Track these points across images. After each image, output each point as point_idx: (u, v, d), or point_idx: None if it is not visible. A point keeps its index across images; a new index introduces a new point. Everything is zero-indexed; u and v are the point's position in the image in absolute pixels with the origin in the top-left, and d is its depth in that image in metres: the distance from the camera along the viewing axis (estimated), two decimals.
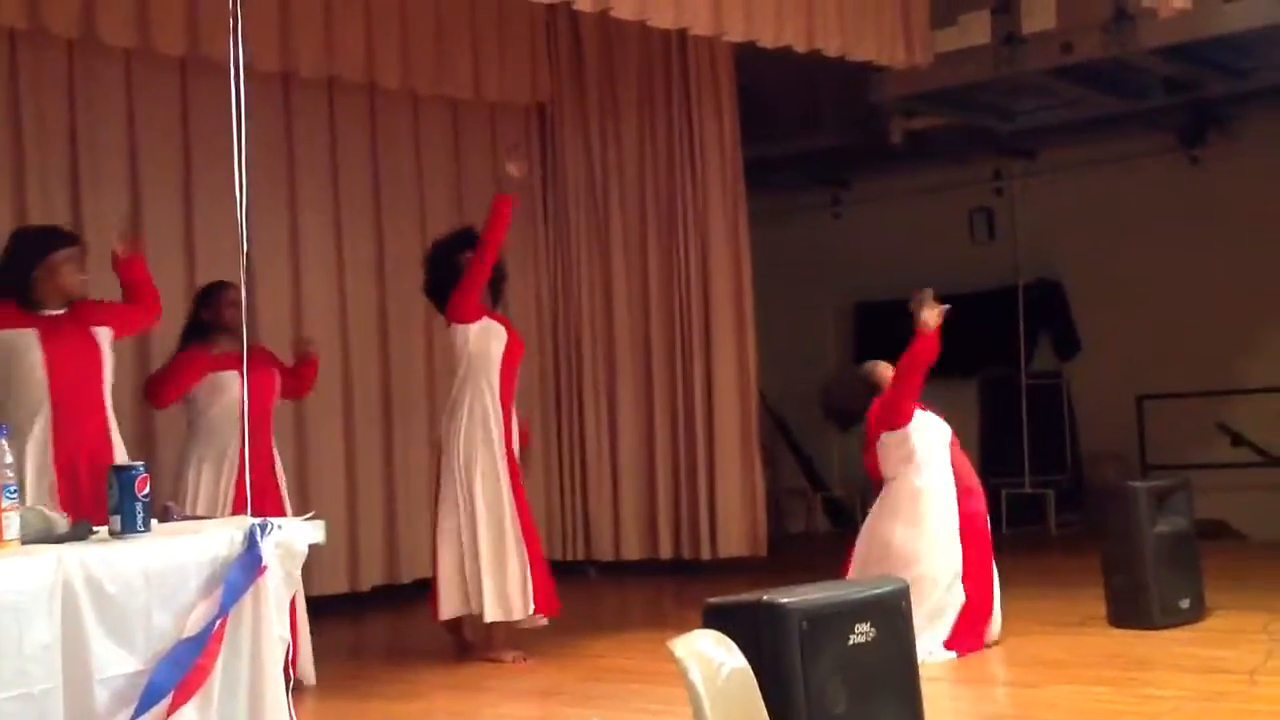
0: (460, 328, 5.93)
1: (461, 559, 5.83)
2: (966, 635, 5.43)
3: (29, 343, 4.68)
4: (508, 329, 6.06)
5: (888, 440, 5.67)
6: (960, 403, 10.75)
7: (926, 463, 5.63)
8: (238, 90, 3.20)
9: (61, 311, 4.80)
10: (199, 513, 5.14)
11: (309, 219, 7.73)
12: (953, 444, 5.75)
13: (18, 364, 4.67)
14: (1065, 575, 7.25)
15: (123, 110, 7.00)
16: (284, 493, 5.61)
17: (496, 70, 8.41)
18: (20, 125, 6.60)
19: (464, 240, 6.13)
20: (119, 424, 5.00)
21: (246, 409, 4.70)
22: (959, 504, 5.60)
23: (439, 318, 6.28)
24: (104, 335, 4.89)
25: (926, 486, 5.60)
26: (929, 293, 5.60)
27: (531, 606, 5.81)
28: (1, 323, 4.72)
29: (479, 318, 5.93)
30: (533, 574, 5.82)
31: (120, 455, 4.80)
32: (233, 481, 5.40)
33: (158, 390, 5.68)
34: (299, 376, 5.97)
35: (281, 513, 5.05)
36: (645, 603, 8.13)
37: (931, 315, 5.53)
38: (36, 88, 6.67)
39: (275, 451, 5.64)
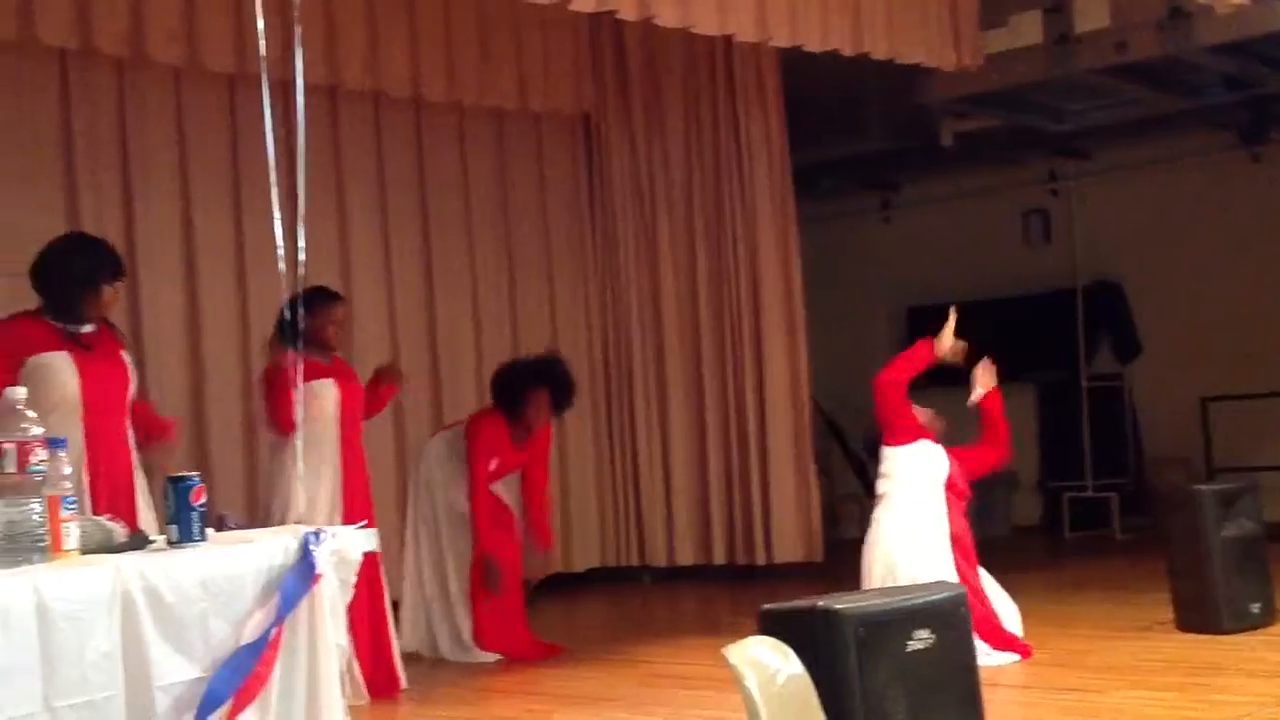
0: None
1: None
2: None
3: (63, 365, 4.41)
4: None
5: None
6: (1019, 407, 10.64)
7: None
8: (269, 103, 3.21)
9: (93, 329, 4.56)
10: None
11: (357, 230, 7.78)
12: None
13: (52, 387, 4.36)
14: (1131, 580, 7.14)
15: (173, 125, 7.07)
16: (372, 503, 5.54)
17: (541, 80, 8.42)
18: (72, 142, 6.68)
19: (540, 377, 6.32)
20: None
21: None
22: None
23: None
24: (128, 356, 4.69)
25: None
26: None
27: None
28: (37, 345, 4.42)
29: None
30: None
31: (140, 476, 4.63)
32: (339, 493, 5.33)
33: (281, 420, 5.25)
34: (374, 396, 5.78)
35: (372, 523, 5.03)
36: (699, 609, 8.10)
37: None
38: (88, 106, 6.75)
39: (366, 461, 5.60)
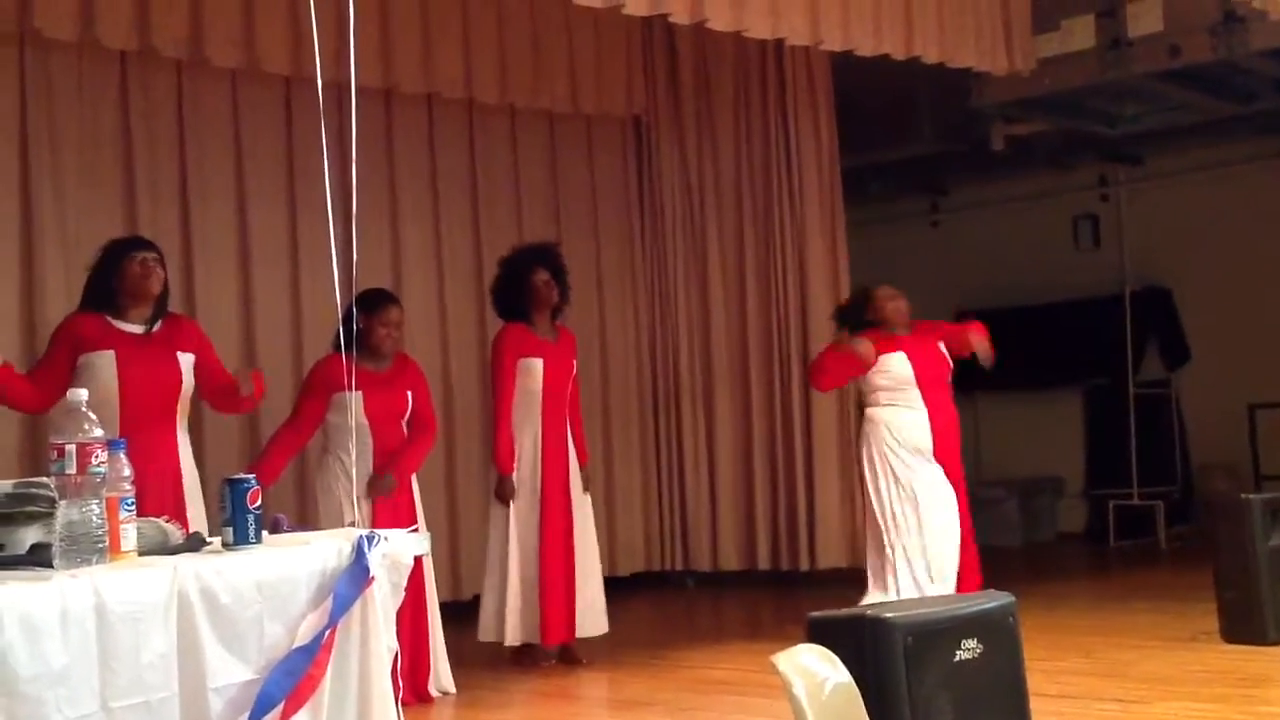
0: None
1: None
2: None
3: (106, 363, 4.64)
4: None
5: None
6: (1065, 413, 10.60)
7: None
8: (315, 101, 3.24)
9: (141, 330, 4.75)
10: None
11: (410, 232, 7.85)
12: None
13: (92, 384, 4.49)
14: (1176, 589, 7.09)
15: (229, 127, 7.16)
16: (417, 506, 5.57)
17: (593, 83, 8.47)
18: (131, 143, 6.78)
19: (531, 255, 6.28)
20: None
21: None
22: None
23: None
24: (186, 360, 4.82)
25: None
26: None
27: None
28: (84, 344, 4.67)
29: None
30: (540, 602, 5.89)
31: (190, 475, 4.77)
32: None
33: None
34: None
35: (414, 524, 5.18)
36: (743, 614, 8.10)
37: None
38: (146, 108, 6.85)
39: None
